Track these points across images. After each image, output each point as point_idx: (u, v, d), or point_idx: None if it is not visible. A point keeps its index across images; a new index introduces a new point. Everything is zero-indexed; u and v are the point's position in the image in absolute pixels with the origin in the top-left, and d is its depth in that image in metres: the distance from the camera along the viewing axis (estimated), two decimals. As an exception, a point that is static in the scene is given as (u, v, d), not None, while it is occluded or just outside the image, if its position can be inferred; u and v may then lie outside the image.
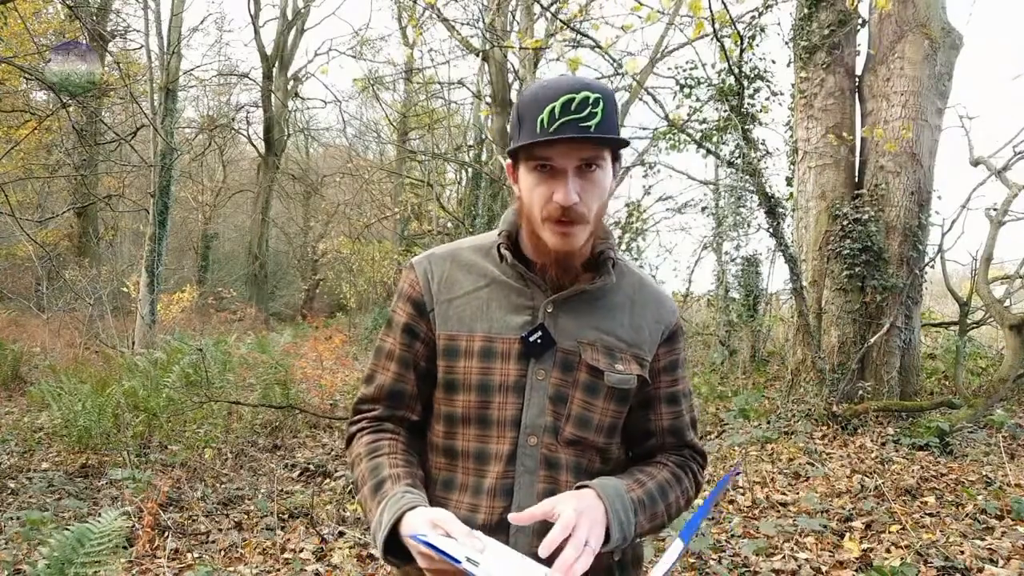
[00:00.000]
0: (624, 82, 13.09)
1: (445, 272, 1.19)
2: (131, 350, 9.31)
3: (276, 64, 20.80)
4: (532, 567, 0.96)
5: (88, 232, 16.52)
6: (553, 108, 1.02)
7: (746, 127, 5.94)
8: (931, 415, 5.78)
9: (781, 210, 5.99)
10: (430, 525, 0.96)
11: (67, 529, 2.31)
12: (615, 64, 6.55)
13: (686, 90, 8.44)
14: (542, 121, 1.02)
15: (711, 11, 4.65)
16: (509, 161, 1.14)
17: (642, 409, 1.23)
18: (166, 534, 3.67)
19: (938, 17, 6.54)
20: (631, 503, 1.09)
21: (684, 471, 1.22)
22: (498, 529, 1.10)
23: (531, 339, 1.12)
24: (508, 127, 12.58)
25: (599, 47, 5.40)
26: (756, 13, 7.40)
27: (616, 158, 1.13)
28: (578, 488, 1.09)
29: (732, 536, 3.65)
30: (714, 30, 4.87)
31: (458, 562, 0.87)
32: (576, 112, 1.02)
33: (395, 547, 1.02)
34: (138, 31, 14.22)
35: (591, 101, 1.02)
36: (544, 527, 1.10)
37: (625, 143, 1.08)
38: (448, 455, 1.17)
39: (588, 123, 1.02)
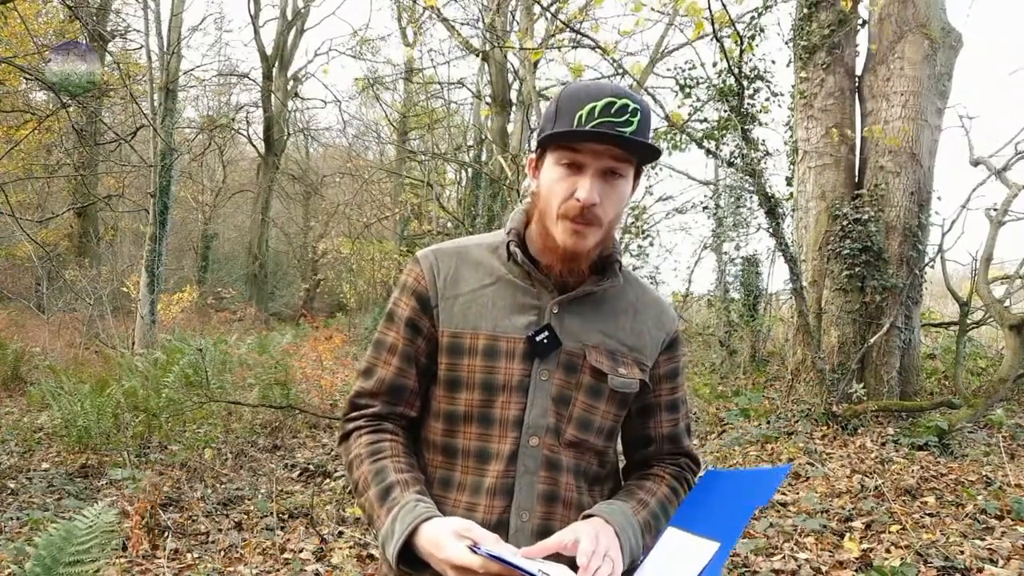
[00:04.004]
0: (624, 82, 13.07)
1: (451, 268, 1.18)
2: (131, 350, 9.31)
3: (276, 64, 20.79)
4: None
5: (88, 232, 16.52)
6: (594, 107, 1.03)
7: (746, 127, 5.94)
8: (931, 415, 5.78)
9: (781, 210, 5.99)
10: (455, 536, 0.96)
11: (53, 525, 2.30)
12: (615, 64, 6.55)
13: (686, 90, 8.43)
14: (580, 116, 1.03)
15: (711, 11, 4.65)
16: (532, 155, 1.14)
17: (642, 416, 1.24)
18: (166, 534, 3.67)
19: (938, 17, 6.54)
20: (638, 526, 1.10)
21: (680, 483, 1.23)
22: (496, 528, 1.09)
23: (537, 339, 1.11)
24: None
25: (599, 48, 5.40)
26: (756, 13, 7.40)
27: (637, 175, 1.14)
28: (583, 518, 1.09)
29: (732, 536, 3.64)
30: (714, 30, 4.87)
31: (533, 575, 0.87)
32: (616, 116, 1.03)
33: (408, 555, 1.01)
34: (138, 31, 14.22)
35: (630, 110, 1.04)
36: (545, 529, 1.10)
37: (657, 152, 1.08)
38: (447, 453, 1.16)
39: (625, 129, 1.03)
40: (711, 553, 0.98)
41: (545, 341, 1.12)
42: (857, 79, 6.81)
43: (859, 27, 6.80)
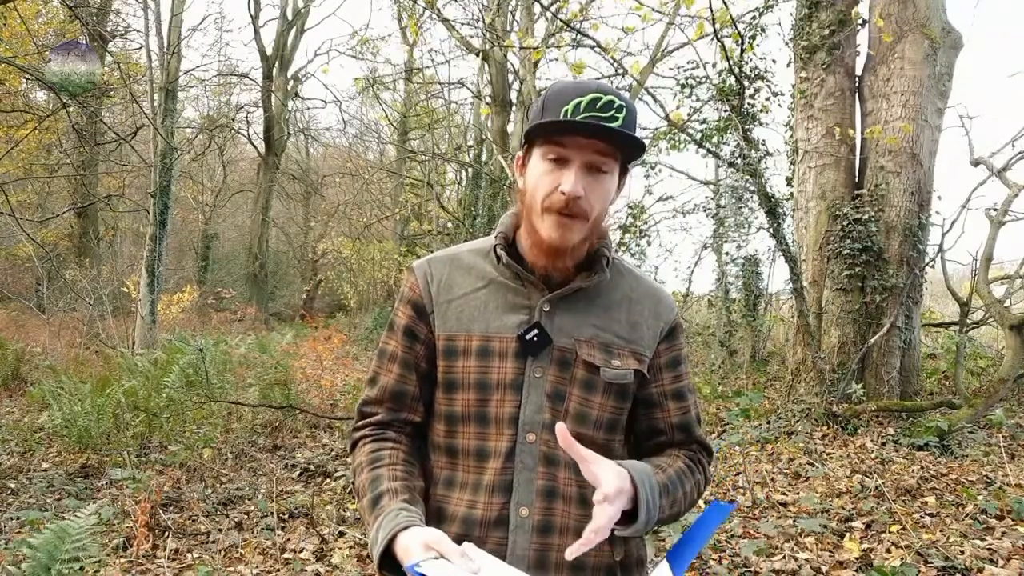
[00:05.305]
0: (624, 82, 13.07)
1: (444, 275, 1.21)
2: (131, 350, 9.31)
3: (276, 64, 20.79)
4: None
5: (88, 232, 16.53)
6: (580, 102, 1.06)
7: (746, 127, 5.94)
8: (931, 415, 5.78)
9: (781, 210, 5.99)
10: (424, 547, 0.98)
11: (48, 525, 2.30)
12: (615, 64, 6.55)
13: (686, 90, 8.44)
14: (566, 111, 1.06)
15: (711, 11, 4.65)
16: (520, 153, 1.17)
17: (649, 407, 1.25)
18: (166, 534, 3.67)
19: (938, 17, 6.54)
20: (657, 486, 1.10)
21: (695, 464, 1.24)
22: (496, 525, 1.12)
23: (528, 337, 1.14)
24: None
25: (599, 47, 5.40)
26: (756, 13, 7.40)
27: (623, 172, 1.16)
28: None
29: (732, 536, 3.65)
30: (715, 30, 4.87)
31: None
32: (601, 111, 1.06)
33: (390, 562, 1.04)
34: (138, 31, 14.22)
35: (616, 106, 1.07)
36: (545, 525, 1.11)
37: (641, 145, 1.10)
38: (449, 454, 1.19)
39: (610, 124, 1.05)
40: None
41: (535, 339, 1.14)
42: (857, 79, 6.81)
43: (859, 27, 6.79)
